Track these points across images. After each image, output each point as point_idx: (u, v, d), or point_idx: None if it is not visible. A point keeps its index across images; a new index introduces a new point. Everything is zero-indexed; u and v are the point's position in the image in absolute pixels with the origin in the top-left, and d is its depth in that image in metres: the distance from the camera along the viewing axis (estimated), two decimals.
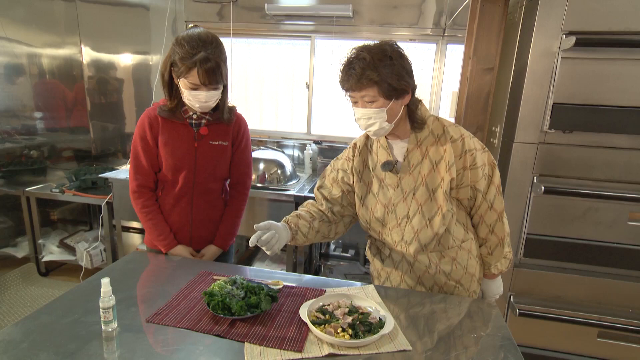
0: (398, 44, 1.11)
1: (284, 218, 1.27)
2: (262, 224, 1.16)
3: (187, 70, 1.24)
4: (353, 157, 1.30)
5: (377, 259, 1.34)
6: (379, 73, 1.05)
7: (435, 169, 1.17)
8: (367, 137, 1.30)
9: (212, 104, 1.34)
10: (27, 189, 2.71)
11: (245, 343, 0.94)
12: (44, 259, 2.83)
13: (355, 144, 1.32)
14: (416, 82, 1.14)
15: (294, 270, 2.46)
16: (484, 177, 1.18)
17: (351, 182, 1.30)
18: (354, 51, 1.10)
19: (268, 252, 1.16)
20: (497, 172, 1.21)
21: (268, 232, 1.15)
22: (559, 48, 1.57)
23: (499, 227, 1.23)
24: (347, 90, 1.13)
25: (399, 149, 1.22)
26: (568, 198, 1.70)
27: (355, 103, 1.14)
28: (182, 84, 1.29)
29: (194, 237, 1.51)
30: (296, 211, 1.32)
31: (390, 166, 1.21)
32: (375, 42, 1.11)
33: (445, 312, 1.13)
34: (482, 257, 1.30)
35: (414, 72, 1.13)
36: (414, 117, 1.18)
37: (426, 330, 1.03)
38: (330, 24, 2.64)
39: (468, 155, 1.15)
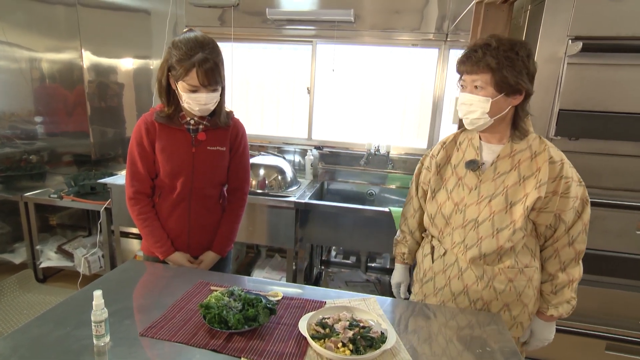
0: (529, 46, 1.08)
1: (400, 257, 1.45)
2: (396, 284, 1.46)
3: (186, 72, 1.22)
4: (437, 154, 1.27)
5: (428, 258, 1.29)
6: (498, 61, 1.02)
7: (521, 183, 1.11)
8: (458, 134, 1.27)
9: (212, 106, 1.32)
10: (26, 194, 2.68)
11: (242, 358, 0.90)
12: (42, 265, 2.79)
13: (443, 141, 1.29)
14: (533, 89, 1.09)
15: (294, 278, 2.42)
16: (572, 209, 1.12)
17: (427, 180, 1.29)
18: (484, 38, 1.08)
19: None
20: (588, 210, 1.14)
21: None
22: (565, 53, 1.55)
23: (573, 268, 1.16)
24: (461, 74, 1.11)
25: (489, 153, 1.17)
26: None
27: (463, 88, 1.11)
28: (181, 87, 1.27)
29: (191, 244, 1.48)
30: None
31: (474, 166, 1.16)
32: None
33: (448, 325, 1.09)
34: (542, 293, 1.21)
35: (535, 79, 1.09)
36: (517, 124, 1.13)
37: (428, 345, 0.99)
38: (332, 28, 2.62)
39: (563, 181, 1.09)
